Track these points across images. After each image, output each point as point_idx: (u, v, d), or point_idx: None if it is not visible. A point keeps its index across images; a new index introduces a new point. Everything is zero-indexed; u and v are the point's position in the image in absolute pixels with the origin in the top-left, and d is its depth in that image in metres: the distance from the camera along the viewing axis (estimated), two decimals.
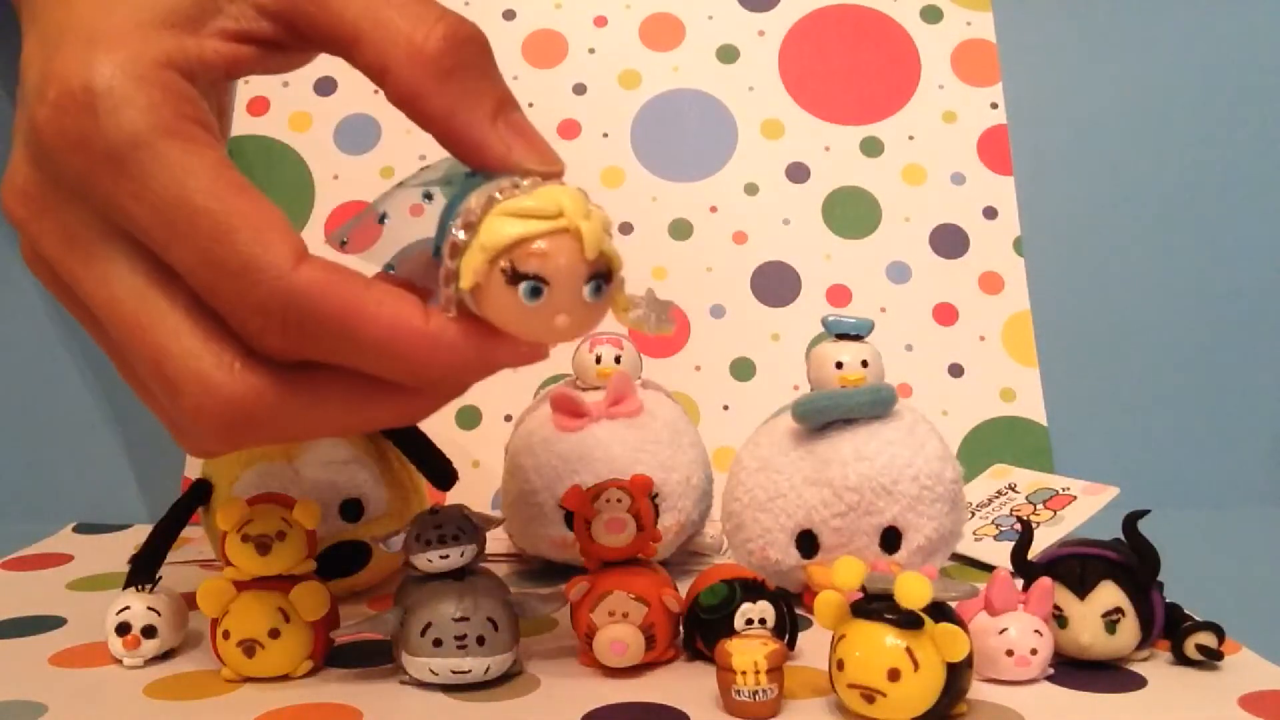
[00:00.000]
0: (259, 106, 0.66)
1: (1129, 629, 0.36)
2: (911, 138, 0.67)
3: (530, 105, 0.38)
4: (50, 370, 0.64)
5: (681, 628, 0.38)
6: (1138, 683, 0.36)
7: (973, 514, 0.53)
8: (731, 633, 0.36)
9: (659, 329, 0.30)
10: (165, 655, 0.39)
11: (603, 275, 0.28)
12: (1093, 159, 0.67)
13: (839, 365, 0.43)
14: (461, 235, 0.28)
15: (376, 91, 0.30)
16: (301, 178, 0.65)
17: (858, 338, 0.44)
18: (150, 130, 0.27)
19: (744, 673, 0.33)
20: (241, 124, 0.66)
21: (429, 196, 0.30)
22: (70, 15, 0.28)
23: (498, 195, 0.28)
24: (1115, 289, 0.65)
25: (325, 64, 0.33)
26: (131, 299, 0.28)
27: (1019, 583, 0.37)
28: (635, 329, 0.30)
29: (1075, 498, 0.50)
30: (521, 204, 0.28)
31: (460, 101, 0.29)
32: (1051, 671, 0.36)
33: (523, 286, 0.27)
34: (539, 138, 0.30)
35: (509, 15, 0.68)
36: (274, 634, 0.37)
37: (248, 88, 0.67)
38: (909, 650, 0.32)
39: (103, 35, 0.27)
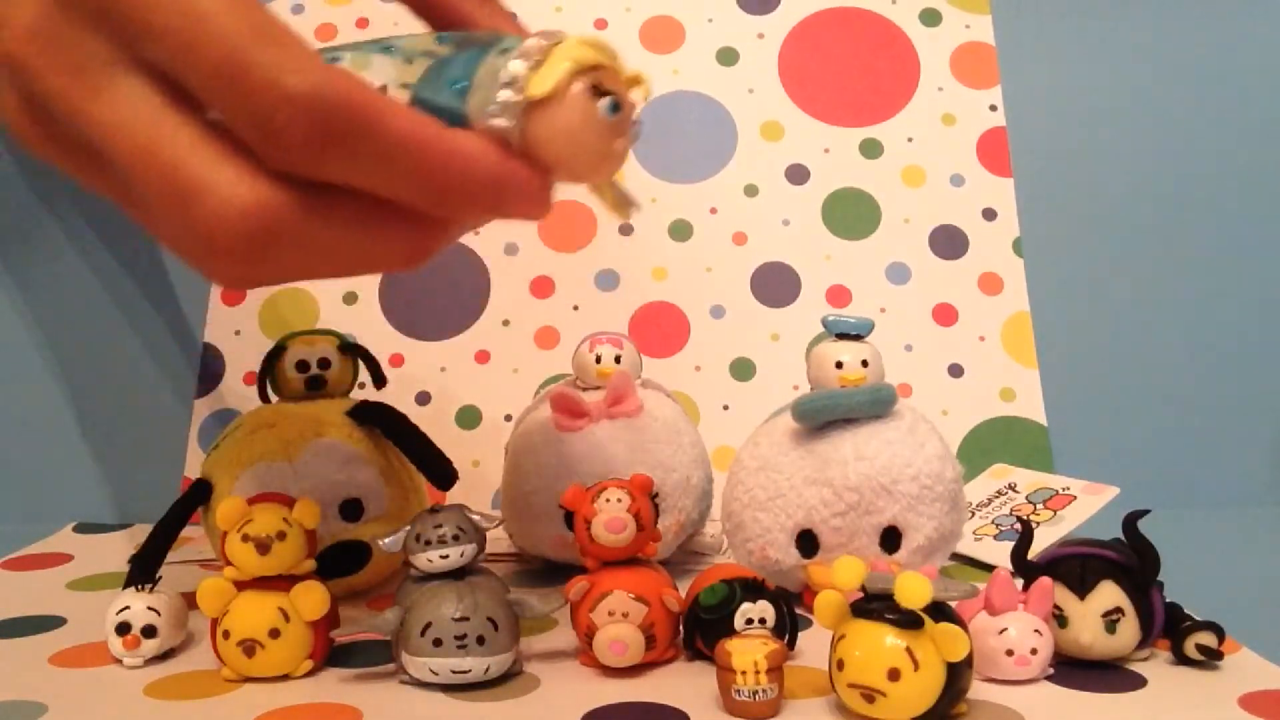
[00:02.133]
0: None
1: (1129, 629, 0.36)
2: (911, 139, 0.67)
3: None
4: (50, 370, 0.64)
5: (681, 628, 0.38)
6: (1138, 683, 0.36)
7: (973, 514, 0.53)
8: (731, 632, 0.36)
9: (617, 208, 0.32)
10: (165, 655, 0.39)
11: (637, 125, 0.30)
12: (1091, 160, 0.67)
13: (839, 365, 0.43)
14: (519, 65, 0.29)
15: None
16: None
17: (858, 338, 0.44)
18: None
19: (744, 672, 0.33)
20: None
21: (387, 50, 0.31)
22: None
23: (543, 41, 0.29)
24: (1114, 289, 0.65)
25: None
26: (144, 119, 0.28)
27: (1019, 583, 0.37)
28: (598, 195, 0.32)
29: (1075, 498, 0.50)
30: (595, 40, 0.30)
31: None
32: (1051, 671, 0.36)
33: (606, 101, 0.29)
34: (518, 24, 0.32)
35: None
36: (274, 634, 0.37)
37: None
38: (909, 650, 0.32)
39: None
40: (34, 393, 0.63)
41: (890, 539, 0.42)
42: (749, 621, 0.37)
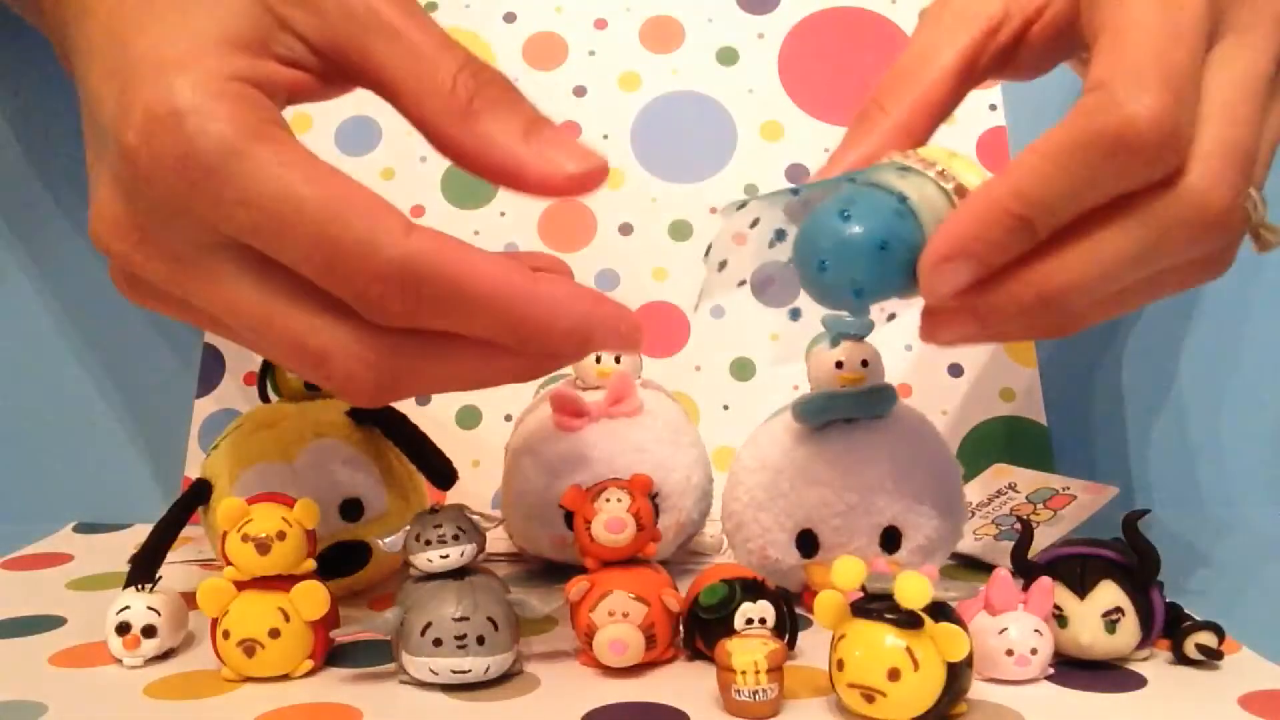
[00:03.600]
0: None
1: (1129, 629, 0.36)
2: None
3: None
4: (49, 370, 0.64)
5: (681, 627, 0.38)
6: (1138, 682, 0.36)
7: (973, 514, 0.53)
8: (731, 632, 0.36)
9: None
10: (165, 655, 0.39)
11: None
12: None
13: (839, 365, 0.43)
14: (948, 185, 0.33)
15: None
16: None
17: (858, 338, 0.44)
18: (240, 138, 0.28)
19: (744, 673, 0.33)
20: None
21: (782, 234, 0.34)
22: (132, 49, 0.29)
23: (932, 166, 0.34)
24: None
25: None
26: (251, 298, 0.30)
27: (1019, 582, 0.37)
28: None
29: (1075, 498, 0.50)
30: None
31: (491, 135, 0.31)
32: (1051, 671, 0.36)
33: None
34: (571, 141, 0.32)
35: (509, 18, 0.68)
36: (274, 634, 0.37)
37: None
38: (909, 650, 0.32)
39: (174, 60, 0.29)
40: (34, 393, 0.63)
41: (890, 539, 0.42)
42: (749, 621, 0.37)
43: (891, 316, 0.35)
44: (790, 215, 0.33)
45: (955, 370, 0.61)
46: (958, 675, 0.32)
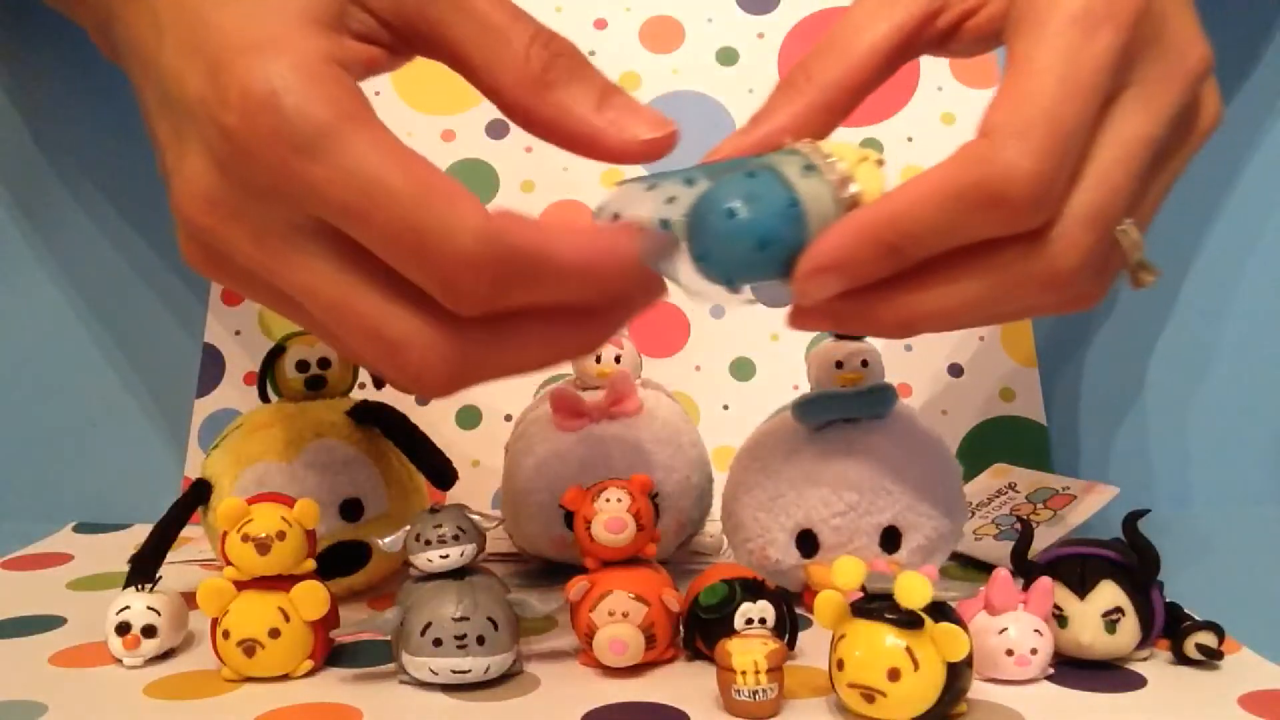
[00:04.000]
0: None
1: (1129, 629, 0.36)
2: (910, 139, 0.67)
3: None
4: (50, 370, 0.64)
5: (681, 627, 0.38)
6: (1138, 682, 0.36)
7: (973, 514, 0.53)
8: (731, 632, 0.36)
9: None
10: (165, 655, 0.39)
11: None
12: None
13: (839, 365, 0.43)
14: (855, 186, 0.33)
15: (378, 93, 0.31)
16: None
17: (858, 338, 0.44)
18: (335, 119, 0.29)
19: (744, 672, 0.33)
20: None
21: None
22: (213, 27, 0.30)
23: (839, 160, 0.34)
24: (1114, 288, 0.65)
25: None
26: (332, 280, 0.30)
27: (1019, 582, 0.37)
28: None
29: (1075, 498, 0.50)
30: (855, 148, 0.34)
31: (566, 105, 0.32)
32: (1051, 671, 0.36)
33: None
34: (645, 109, 0.34)
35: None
36: (274, 634, 0.37)
37: None
38: (909, 650, 0.32)
39: (266, 41, 0.29)
40: (34, 392, 0.63)
41: (890, 539, 0.42)
42: (749, 621, 0.37)
43: (750, 301, 0.36)
44: (688, 182, 0.34)
45: (955, 370, 0.61)
46: (958, 675, 0.32)
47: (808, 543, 0.43)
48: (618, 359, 0.49)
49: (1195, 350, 0.64)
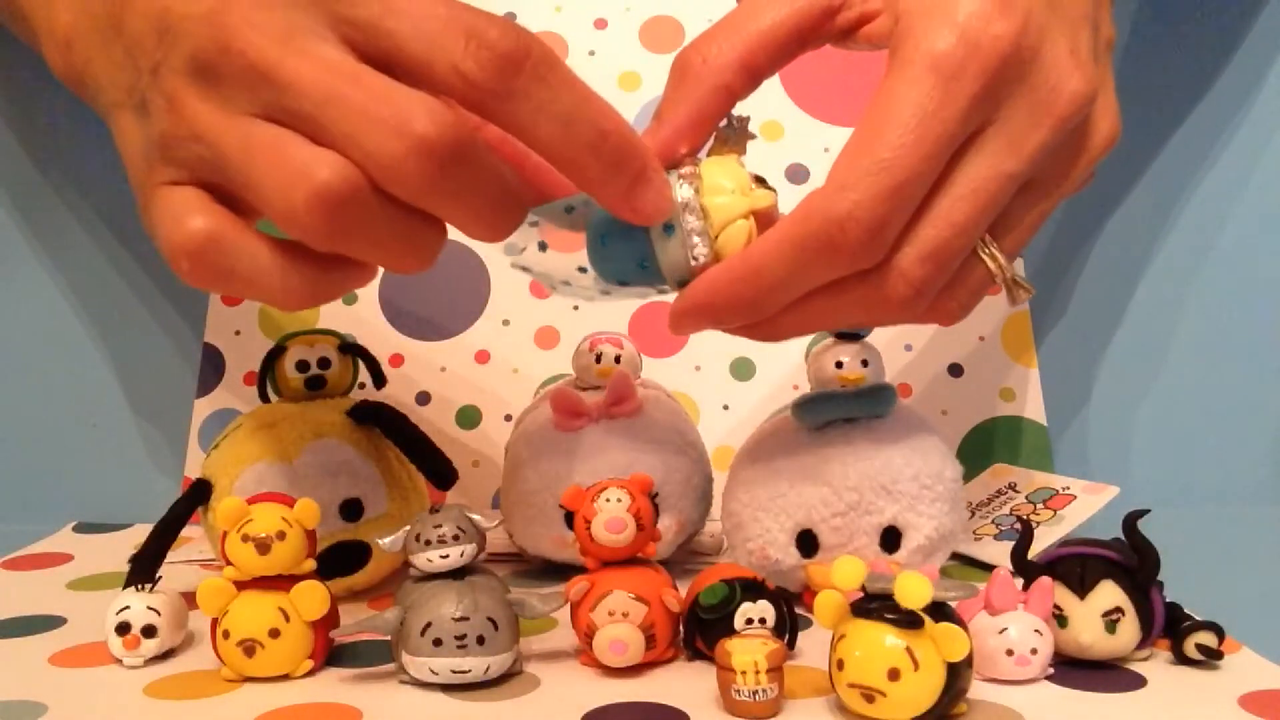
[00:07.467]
0: None
1: (1129, 629, 0.36)
2: None
3: None
4: (50, 370, 0.64)
5: (681, 627, 0.38)
6: (1138, 682, 0.36)
7: (973, 514, 0.53)
8: (731, 632, 0.36)
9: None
10: (165, 655, 0.39)
11: None
12: None
13: (839, 365, 0.43)
14: (703, 249, 0.37)
15: None
16: None
17: (858, 338, 0.44)
18: None
19: (744, 672, 0.33)
20: None
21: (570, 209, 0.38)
22: None
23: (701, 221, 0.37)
24: (1115, 288, 0.65)
25: None
26: (346, 65, 0.32)
27: (1019, 582, 0.37)
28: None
29: (1075, 498, 0.50)
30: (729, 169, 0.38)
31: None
32: (1051, 671, 0.36)
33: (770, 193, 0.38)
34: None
35: (509, 18, 0.68)
36: (274, 634, 0.37)
37: None
38: (909, 650, 0.32)
39: None
40: (34, 393, 0.63)
41: (890, 539, 0.42)
42: (749, 621, 0.37)
43: (607, 293, 0.40)
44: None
45: (955, 370, 0.61)
46: (958, 675, 0.32)
47: (808, 543, 0.43)
48: (618, 359, 0.49)
49: (1195, 350, 0.64)
